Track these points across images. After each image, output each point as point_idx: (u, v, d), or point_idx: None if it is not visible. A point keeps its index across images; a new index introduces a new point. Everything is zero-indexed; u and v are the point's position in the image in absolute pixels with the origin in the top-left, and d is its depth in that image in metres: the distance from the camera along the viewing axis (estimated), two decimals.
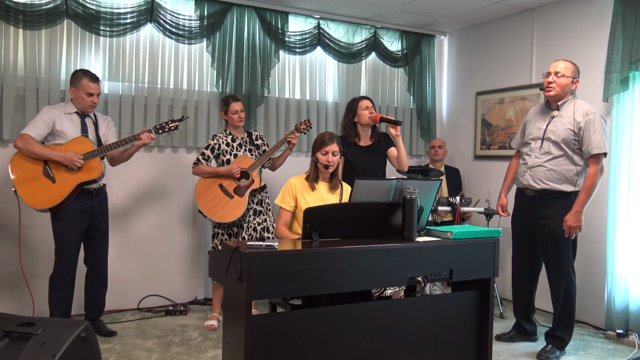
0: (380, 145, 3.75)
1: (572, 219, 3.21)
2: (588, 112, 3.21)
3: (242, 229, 3.85)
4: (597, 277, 4.03)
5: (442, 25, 5.32)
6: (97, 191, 3.49)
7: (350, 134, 3.72)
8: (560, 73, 3.26)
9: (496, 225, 4.33)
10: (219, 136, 3.89)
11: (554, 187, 3.29)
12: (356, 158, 3.67)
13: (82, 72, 3.44)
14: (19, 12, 3.73)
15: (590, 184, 3.19)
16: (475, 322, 2.74)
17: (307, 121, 3.98)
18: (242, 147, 3.90)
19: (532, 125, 3.44)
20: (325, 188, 3.17)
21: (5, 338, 2.21)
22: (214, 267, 2.54)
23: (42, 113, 3.37)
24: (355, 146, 3.72)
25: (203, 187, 3.78)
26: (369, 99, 3.74)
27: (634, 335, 3.69)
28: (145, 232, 4.34)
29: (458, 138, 5.47)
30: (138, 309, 4.26)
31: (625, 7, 3.77)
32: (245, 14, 4.54)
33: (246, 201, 3.75)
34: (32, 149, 3.23)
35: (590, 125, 3.18)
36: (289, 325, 2.29)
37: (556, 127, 3.29)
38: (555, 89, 3.27)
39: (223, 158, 3.85)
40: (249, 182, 3.78)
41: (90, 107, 3.46)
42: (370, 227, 2.59)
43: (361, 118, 3.70)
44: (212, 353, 3.37)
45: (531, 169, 3.37)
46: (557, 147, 3.28)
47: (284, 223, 3.11)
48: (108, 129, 3.61)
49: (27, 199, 3.23)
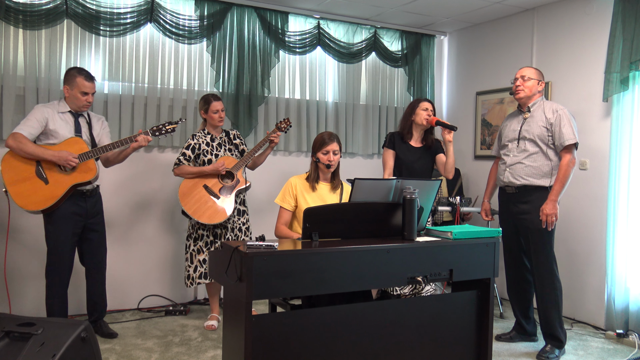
0: (431, 150, 3.80)
1: (547, 207, 3.34)
2: (557, 109, 3.41)
3: (227, 230, 3.82)
4: (597, 277, 4.03)
5: (442, 25, 5.32)
6: (91, 192, 3.43)
7: (406, 131, 3.76)
8: (526, 77, 3.49)
9: (496, 225, 4.33)
10: (198, 136, 3.83)
11: (533, 183, 3.42)
12: (406, 156, 3.73)
13: (76, 70, 3.38)
14: (19, 12, 3.72)
15: (564, 174, 3.34)
16: (475, 322, 2.74)
17: (287, 120, 3.96)
18: (221, 147, 3.86)
19: (508, 129, 3.62)
20: (326, 188, 3.17)
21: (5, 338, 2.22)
22: (213, 267, 2.54)
23: (34, 111, 3.29)
24: (407, 145, 3.76)
25: (187, 188, 3.70)
26: (430, 102, 3.79)
27: (634, 335, 3.69)
28: (145, 232, 4.34)
29: (458, 138, 5.47)
30: (138, 309, 4.26)
31: (625, 7, 3.77)
32: (245, 14, 4.54)
33: (233, 201, 3.72)
34: (24, 149, 3.16)
35: (560, 120, 3.36)
36: (289, 325, 2.29)
37: (530, 126, 3.46)
38: (524, 91, 3.48)
39: (204, 158, 3.78)
40: (234, 182, 3.76)
41: (85, 106, 3.40)
42: (370, 227, 2.59)
43: (417, 117, 3.73)
44: (212, 353, 3.37)
45: (510, 167, 3.51)
46: (532, 144, 3.44)
47: (283, 222, 3.10)
48: (102, 129, 3.55)
49: (19, 200, 3.16)
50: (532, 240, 3.44)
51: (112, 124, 4.08)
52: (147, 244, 4.35)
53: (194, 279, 3.78)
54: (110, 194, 4.11)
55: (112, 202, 4.13)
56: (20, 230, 3.85)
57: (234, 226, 3.85)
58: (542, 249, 3.41)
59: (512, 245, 3.64)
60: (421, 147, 3.78)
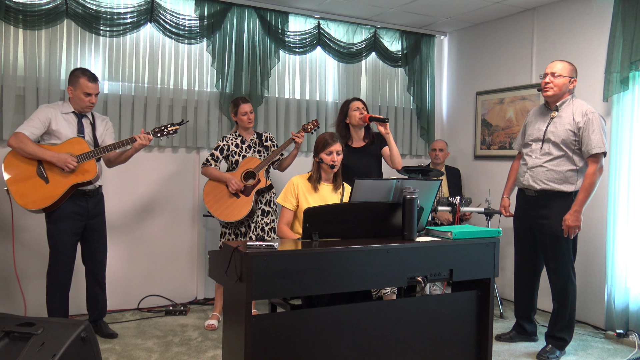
0: (374, 146, 3.76)
1: (570, 218, 3.21)
2: (587, 112, 3.21)
3: (250, 229, 3.87)
4: (597, 277, 4.03)
5: (442, 25, 5.32)
6: (93, 193, 3.44)
7: (343, 135, 3.73)
8: (557, 73, 3.27)
9: (496, 225, 4.33)
10: (229, 137, 3.92)
11: (554, 188, 3.29)
12: (349, 159, 3.64)
13: (80, 71, 3.40)
14: (19, 12, 3.72)
15: (589, 183, 3.19)
16: (475, 322, 2.74)
17: (314, 121, 3.99)
18: (251, 149, 3.92)
19: (532, 126, 3.46)
20: (328, 189, 3.17)
21: (5, 338, 2.21)
22: (214, 267, 2.54)
23: (38, 111, 3.32)
24: (347, 147, 3.71)
25: (211, 187, 3.83)
26: (360, 100, 3.77)
27: (634, 335, 3.69)
28: (145, 232, 4.34)
29: (458, 138, 5.47)
30: (138, 309, 4.26)
31: (625, 7, 3.77)
32: (245, 14, 4.54)
33: (252, 200, 3.77)
34: (25, 148, 3.18)
35: (589, 125, 3.18)
36: (289, 325, 2.29)
37: (556, 128, 3.30)
38: (552, 89, 3.28)
39: (232, 159, 3.88)
40: (255, 181, 3.80)
41: (88, 107, 3.41)
42: (370, 227, 2.59)
43: (352, 119, 3.72)
44: (212, 353, 3.37)
45: (531, 170, 3.38)
46: (557, 148, 3.29)
47: (285, 222, 3.11)
48: (106, 130, 3.56)
49: (19, 198, 3.18)
50: (551, 246, 3.34)
51: (112, 124, 4.08)
52: (148, 244, 4.35)
53: None
54: (110, 194, 4.11)
55: (112, 202, 4.14)
56: (22, 230, 3.85)
57: (256, 226, 3.87)
58: (560, 255, 3.31)
59: (524, 247, 3.56)
60: (363, 145, 3.76)
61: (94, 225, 3.49)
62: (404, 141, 5.41)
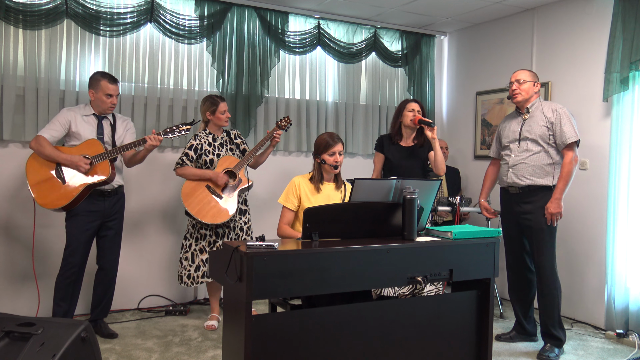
0: (422, 149, 3.80)
1: (552, 205, 3.36)
2: (556, 108, 3.43)
3: (230, 229, 3.84)
4: (597, 277, 4.03)
5: (442, 25, 5.32)
6: (111, 193, 3.52)
7: (396, 133, 3.81)
8: (521, 80, 3.50)
9: (496, 225, 4.33)
10: (200, 136, 3.84)
11: (536, 182, 3.44)
12: (394, 156, 3.76)
13: (100, 74, 3.49)
14: (19, 12, 3.73)
15: (567, 172, 3.36)
16: (475, 322, 2.74)
17: (286, 118, 3.96)
18: (223, 147, 3.88)
19: (507, 130, 3.62)
20: (331, 188, 3.17)
21: (5, 338, 2.21)
22: (214, 267, 2.54)
23: (59, 115, 3.44)
24: (396, 145, 3.79)
25: (189, 189, 3.73)
26: (418, 102, 3.81)
27: (634, 335, 3.69)
28: (146, 232, 4.34)
29: (458, 138, 5.47)
30: (138, 309, 4.26)
31: (625, 7, 3.77)
32: (245, 14, 4.54)
33: (236, 201, 3.74)
34: (43, 151, 3.32)
35: (560, 119, 3.39)
36: (289, 325, 2.29)
37: (530, 126, 3.48)
38: (521, 94, 3.50)
39: (205, 158, 3.80)
40: (237, 181, 3.77)
41: (110, 108, 3.51)
42: (370, 227, 2.59)
43: (404, 119, 3.78)
44: (212, 353, 3.37)
45: (513, 167, 3.51)
46: (534, 144, 3.45)
47: (286, 222, 3.10)
48: (126, 130, 3.63)
49: (40, 199, 3.32)
50: (535, 240, 3.45)
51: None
52: (147, 244, 4.35)
53: (195, 278, 3.79)
54: None
55: None
56: (22, 231, 3.86)
57: (235, 225, 3.85)
58: (545, 249, 3.42)
59: (514, 246, 3.63)
60: (411, 146, 3.80)
61: (110, 224, 3.57)
62: None
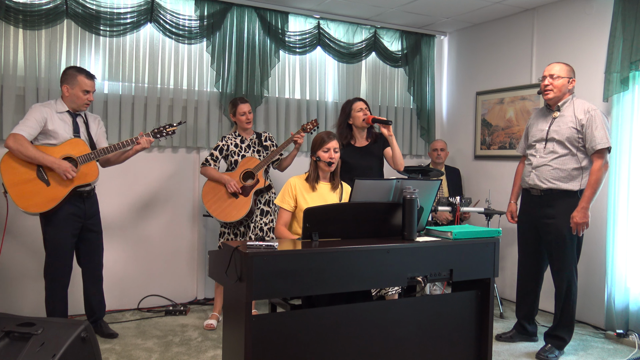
0: (376, 146, 3.77)
1: (578, 215, 3.23)
2: (589, 110, 3.25)
3: (249, 229, 3.88)
4: (597, 277, 4.03)
5: (442, 25, 5.32)
6: (89, 193, 3.42)
7: (345, 135, 3.74)
8: (555, 75, 3.31)
9: (496, 225, 4.33)
10: (228, 137, 3.93)
11: (560, 186, 3.30)
12: (352, 158, 3.68)
13: (75, 69, 3.35)
14: (19, 12, 3.72)
15: (596, 180, 3.21)
16: (475, 322, 2.74)
17: (314, 121, 3.98)
18: (250, 149, 3.93)
19: (535, 128, 3.48)
20: (327, 188, 3.17)
21: (5, 338, 2.22)
22: (214, 267, 2.54)
23: (32, 111, 3.23)
24: (350, 147, 3.74)
25: (209, 187, 3.84)
26: (363, 101, 3.76)
27: (634, 335, 3.69)
28: (145, 232, 4.34)
29: (458, 138, 5.47)
30: (138, 309, 4.26)
31: (625, 7, 3.77)
32: (245, 14, 4.54)
33: (251, 200, 3.77)
34: (25, 152, 3.10)
35: (592, 122, 3.21)
36: (289, 325, 2.29)
37: (559, 127, 3.32)
38: (553, 91, 3.32)
39: (231, 159, 3.89)
40: (254, 182, 3.81)
41: (85, 105, 3.37)
42: (370, 227, 2.59)
43: (355, 120, 3.72)
44: (212, 353, 3.37)
45: (537, 169, 3.39)
46: (561, 146, 3.31)
47: (283, 223, 3.10)
48: (99, 129, 3.53)
49: (20, 201, 3.11)
50: (556, 246, 3.33)
51: (112, 124, 4.08)
52: (147, 244, 4.35)
53: None
54: (110, 194, 4.11)
55: (112, 202, 4.13)
56: (19, 230, 3.85)
57: (255, 225, 3.88)
58: (564, 255, 3.31)
59: (528, 248, 3.55)
60: (366, 145, 3.77)
61: (90, 225, 3.47)
62: (404, 141, 5.41)
